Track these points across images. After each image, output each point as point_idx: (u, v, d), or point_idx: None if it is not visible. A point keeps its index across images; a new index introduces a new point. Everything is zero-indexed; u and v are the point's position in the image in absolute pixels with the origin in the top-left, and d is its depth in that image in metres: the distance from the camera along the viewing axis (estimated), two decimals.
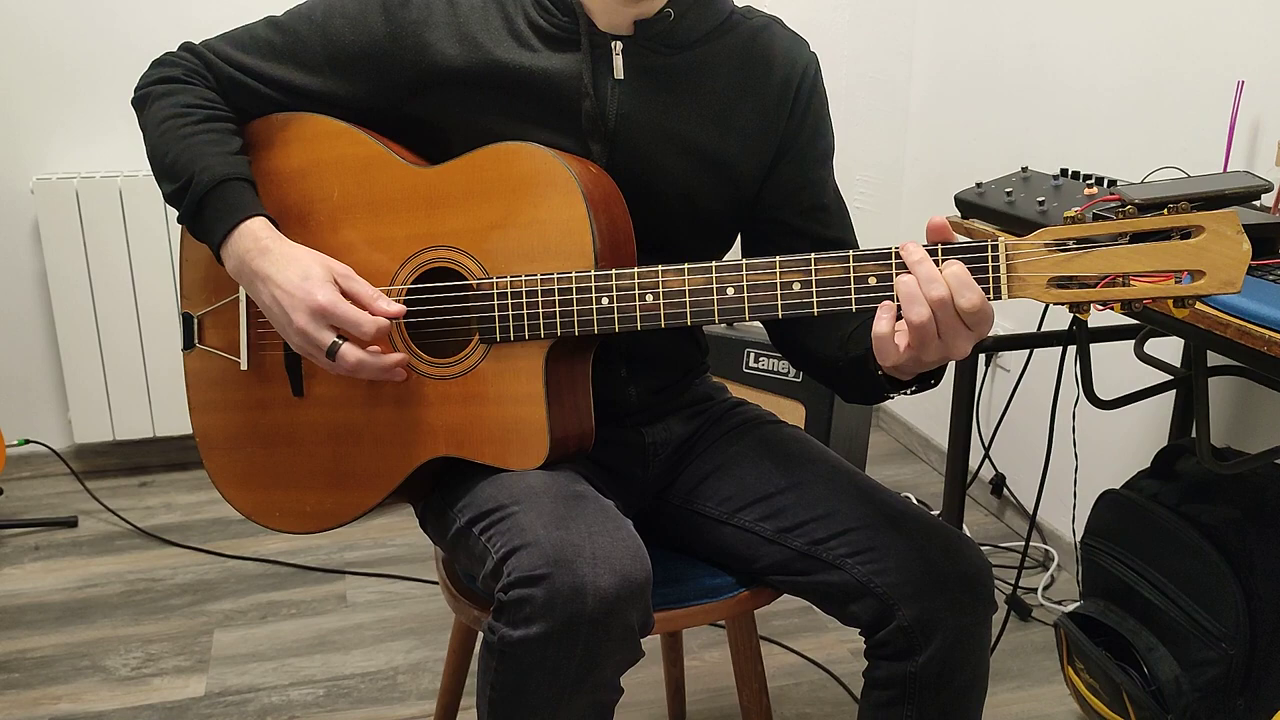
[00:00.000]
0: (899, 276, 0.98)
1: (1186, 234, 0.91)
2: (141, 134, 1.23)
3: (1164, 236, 0.92)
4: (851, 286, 1.02)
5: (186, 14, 2.54)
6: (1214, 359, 1.63)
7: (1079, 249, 0.94)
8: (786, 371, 2.47)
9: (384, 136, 1.22)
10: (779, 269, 1.04)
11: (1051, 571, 2.30)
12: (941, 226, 0.99)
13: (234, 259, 1.16)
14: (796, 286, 1.04)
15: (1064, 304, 0.95)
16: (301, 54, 1.21)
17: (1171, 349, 1.91)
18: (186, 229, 1.22)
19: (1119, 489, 1.75)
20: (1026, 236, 0.96)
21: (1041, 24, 2.32)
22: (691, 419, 1.37)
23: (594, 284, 1.09)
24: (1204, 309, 1.27)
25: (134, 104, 1.26)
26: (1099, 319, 1.91)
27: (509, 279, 1.12)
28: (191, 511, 2.58)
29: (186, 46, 1.26)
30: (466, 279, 1.15)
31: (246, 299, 1.26)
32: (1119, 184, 1.55)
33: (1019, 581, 2.14)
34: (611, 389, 1.28)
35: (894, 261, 1.00)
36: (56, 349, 2.65)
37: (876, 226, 2.95)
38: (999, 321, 2.45)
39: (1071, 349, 1.79)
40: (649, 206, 1.21)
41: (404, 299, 1.18)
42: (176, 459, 2.81)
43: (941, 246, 0.98)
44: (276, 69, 1.22)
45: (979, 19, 2.57)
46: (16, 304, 2.63)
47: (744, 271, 1.05)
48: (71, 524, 2.51)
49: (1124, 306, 0.95)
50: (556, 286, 1.10)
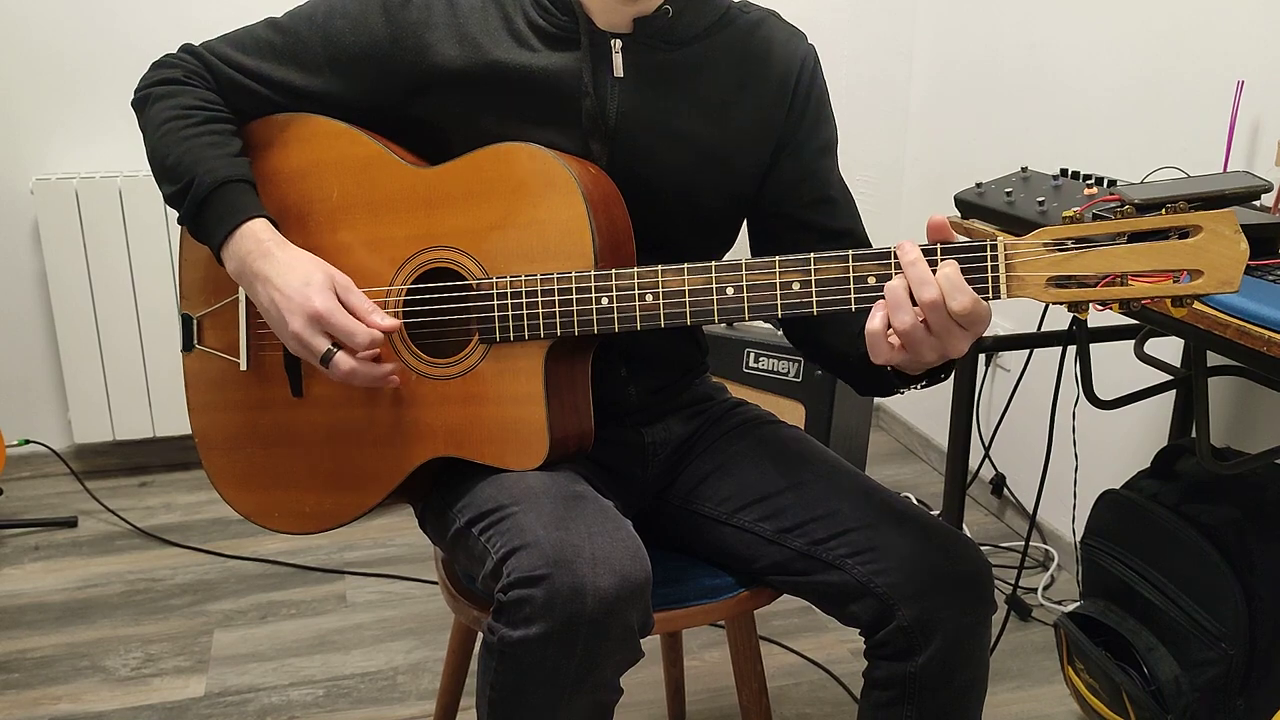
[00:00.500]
0: (890, 280, 0.98)
1: (1184, 233, 0.91)
2: (141, 135, 1.23)
3: (1162, 236, 0.92)
4: (851, 286, 1.02)
5: (186, 14, 2.54)
6: (1214, 359, 1.63)
7: (1077, 249, 0.94)
8: (786, 371, 2.47)
9: (384, 137, 1.22)
10: (778, 269, 1.04)
11: (1051, 571, 2.30)
12: (941, 225, 0.98)
13: (235, 260, 1.16)
14: (796, 286, 1.04)
15: (1063, 304, 0.95)
16: (302, 55, 1.21)
17: (1171, 349, 1.91)
18: (187, 230, 1.22)
19: (1119, 489, 1.75)
20: (1025, 236, 0.96)
21: (1041, 24, 2.32)
22: (691, 419, 1.37)
23: (594, 284, 1.09)
24: (1204, 309, 1.27)
25: (134, 105, 1.25)
26: (1099, 319, 1.91)
27: (508, 279, 1.12)
28: (191, 511, 2.58)
29: (186, 48, 1.26)
30: (466, 279, 1.15)
31: (246, 299, 1.26)
32: (1119, 184, 1.55)
33: (1019, 581, 2.14)
34: (611, 389, 1.28)
35: (893, 261, 1.00)
36: (56, 349, 2.65)
37: (876, 226, 2.92)
38: (998, 321, 2.45)
39: (1071, 349, 1.79)
40: (649, 205, 1.21)
41: (403, 299, 1.18)
42: (176, 459, 2.81)
43: (940, 246, 0.98)
44: (277, 70, 1.22)
45: (979, 19, 2.57)
46: (16, 304, 2.63)
47: (743, 271, 1.05)
48: (71, 524, 2.51)
49: (1122, 306, 0.95)
50: (556, 286, 1.10)
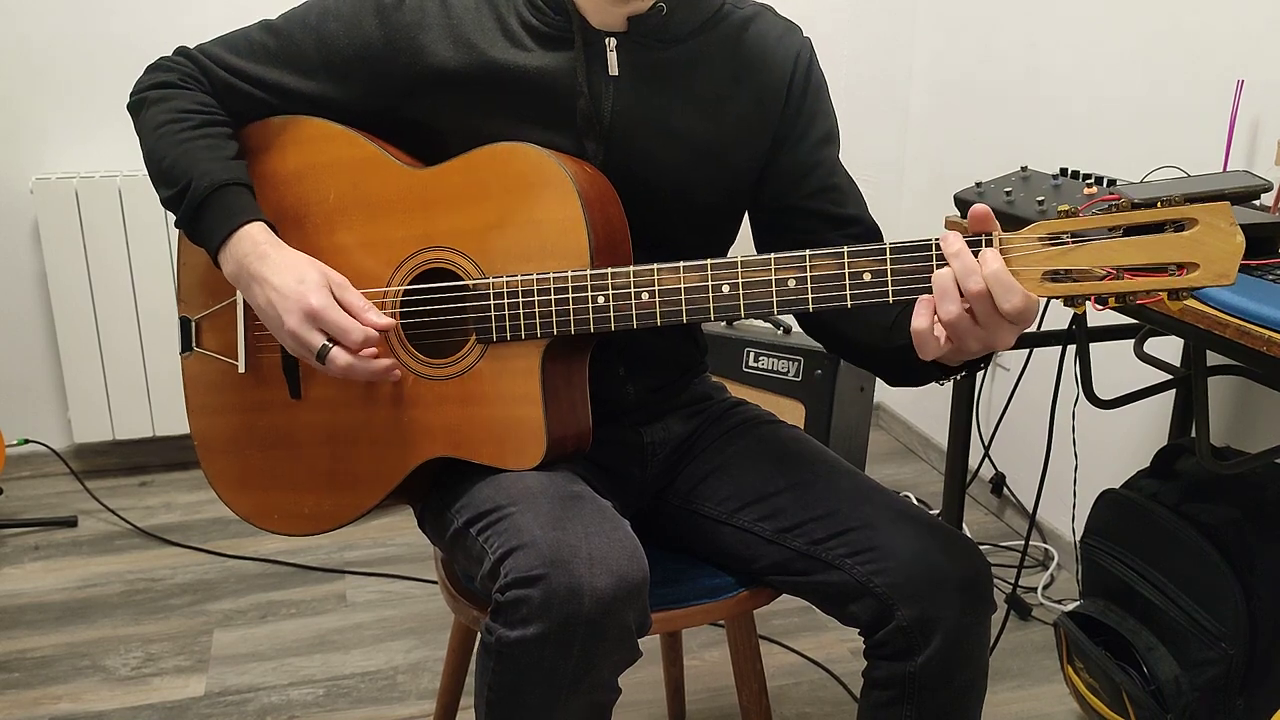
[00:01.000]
0: (937, 270, 0.96)
1: (1180, 227, 0.91)
2: (138, 138, 1.23)
3: (1157, 229, 0.92)
4: (846, 283, 1.01)
5: (183, 14, 2.53)
6: (1213, 358, 1.63)
7: (1072, 243, 0.94)
8: (786, 371, 2.47)
9: (380, 138, 1.22)
10: (774, 266, 1.03)
11: (1051, 571, 2.30)
12: (985, 216, 0.96)
13: (232, 263, 1.16)
14: (791, 284, 1.03)
15: (1058, 297, 0.95)
16: (296, 58, 1.21)
17: (1171, 348, 1.91)
18: (184, 233, 1.22)
19: (1119, 488, 1.74)
20: (1020, 230, 0.95)
21: (1041, 24, 2.32)
22: (690, 418, 1.37)
23: (590, 283, 1.09)
24: (1203, 309, 1.27)
25: (129, 109, 1.25)
26: (1098, 318, 1.91)
27: (505, 279, 1.12)
28: (191, 511, 2.58)
29: (181, 51, 1.26)
30: (463, 279, 1.15)
31: (244, 302, 1.26)
32: (1118, 183, 1.55)
33: (1019, 581, 2.14)
34: (609, 388, 1.28)
35: (888, 258, 1.00)
36: (56, 348, 2.65)
37: None
38: None
39: (1071, 348, 1.79)
40: (646, 203, 1.20)
41: (400, 299, 1.18)
42: (176, 459, 2.81)
43: (935, 240, 0.98)
44: (271, 73, 1.22)
45: (979, 19, 2.56)
46: (16, 304, 2.63)
47: (739, 269, 1.05)
48: (71, 524, 2.51)
49: (1118, 300, 0.95)
50: (553, 286, 1.10)
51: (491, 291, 1.13)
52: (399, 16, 1.18)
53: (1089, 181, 1.60)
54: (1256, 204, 1.53)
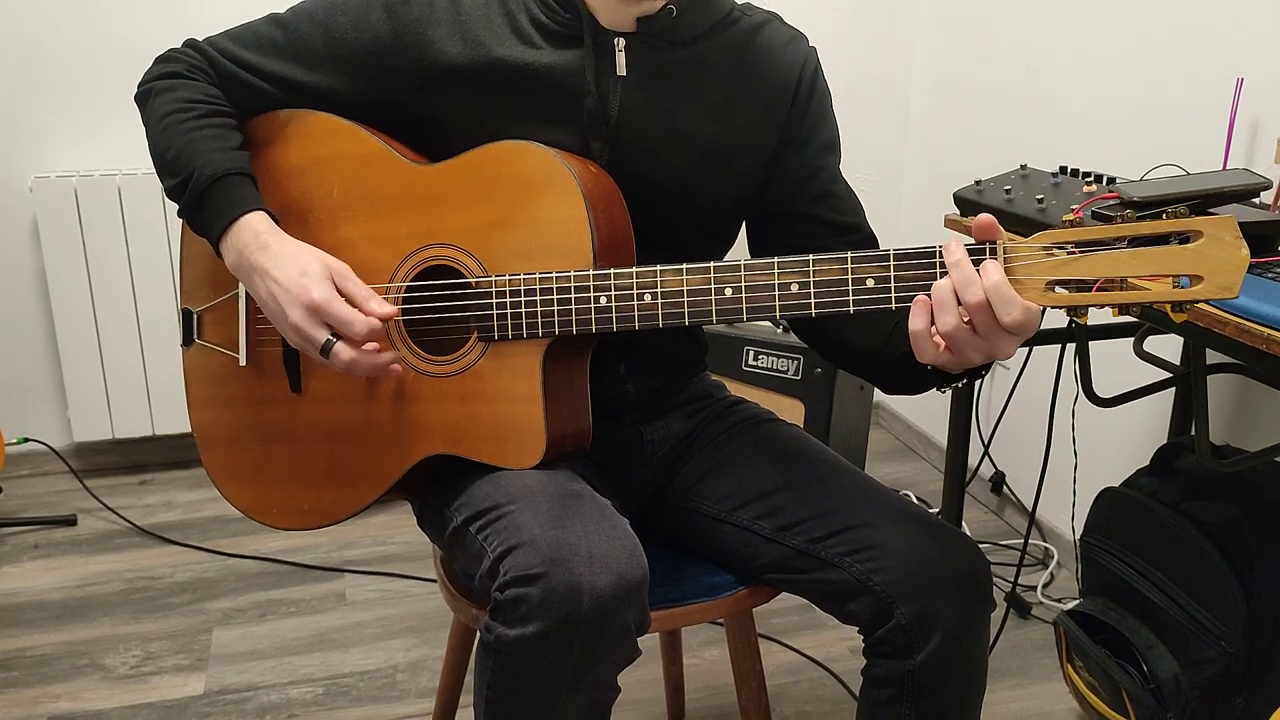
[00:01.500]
0: (938, 280, 0.96)
1: (1185, 238, 0.91)
2: (144, 129, 1.23)
3: (1162, 241, 0.91)
4: (850, 288, 1.01)
5: (182, 12, 2.54)
6: (1213, 357, 1.63)
7: (1077, 253, 0.93)
8: (786, 369, 2.47)
9: (385, 134, 1.22)
10: (776, 269, 1.03)
11: (1051, 569, 2.30)
12: (990, 225, 0.96)
13: (233, 253, 1.16)
14: (794, 288, 1.03)
15: (1061, 307, 0.95)
16: (303, 51, 1.21)
17: (1171, 347, 1.91)
18: (187, 223, 1.22)
19: (1118, 487, 1.75)
20: (1024, 240, 0.95)
21: (1041, 23, 2.32)
22: (690, 417, 1.37)
23: (592, 283, 1.09)
24: (1203, 307, 1.27)
25: (136, 99, 1.26)
26: (1098, 316, 1.91)
27: (507, 278, 1.12)
28: (191, 510, 2.58)
29: (190, 43, 1.26)
30: (465, 277, 1.15)
31: (246, 294, 1.26)
32: (1118, 182, 1.55)
33: (1018, 579, 2.14)
34: (610, 387, 1.27)
35: (891, 264, 1.00)
36: (55, 347, 2.65)
37: (876, 226, 2.91)
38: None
39: (1071, 347, 1.79)
40: (651, 204, 1.21)
41: (403, 296, 1.18)
42: (176, 457, 2.81)
43: (940, 248, 0.98)
44: (278, 65, 1.22)
45: (979, 18, 2.56)
46: (15, 302, 2.63)
47: (742, 272, 1.05)
48: (71, 522, 2.51)
49: (1121, 310, 0.94)
50: (555, 285, 1.10)
51: (494, 290, 1.13)
52: (407, 11, 1.18)
53: (1088, 180, 1.60)
54: (1256, 202, 1.53)
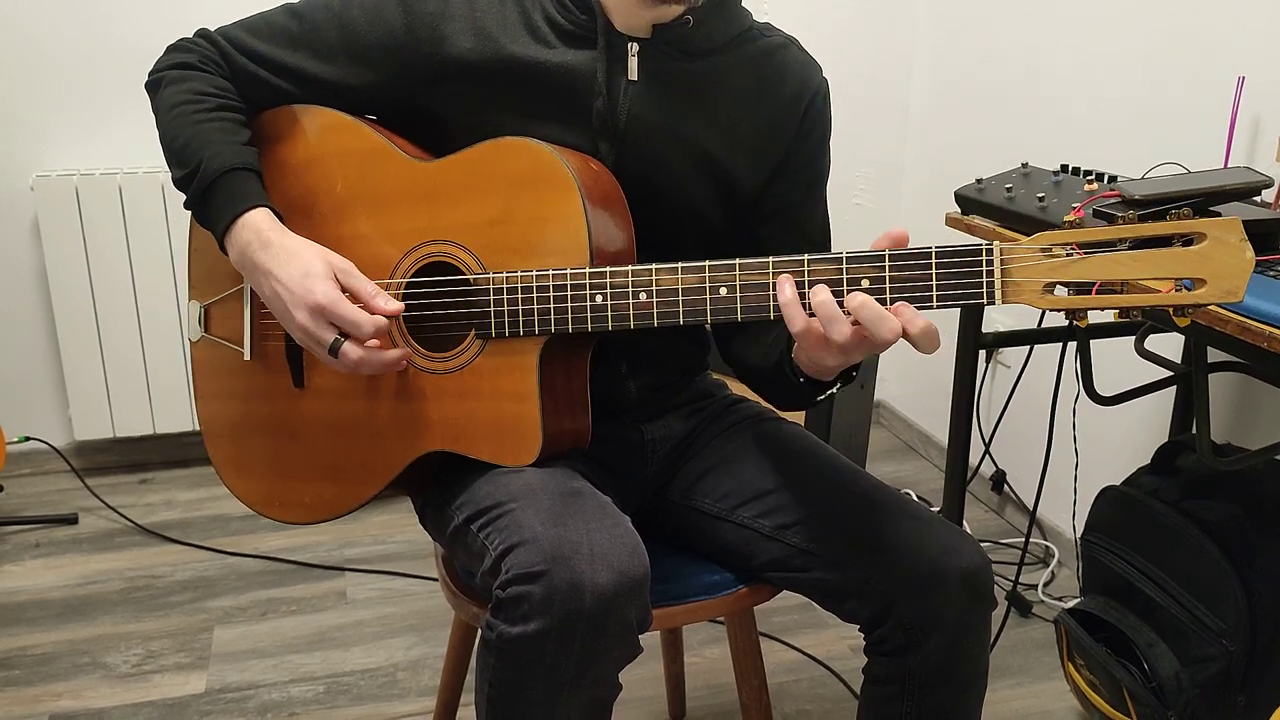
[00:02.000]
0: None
1: (1188, 241, 0.88)
2: (154, 116, 1.23)
3: (1165, 243, 0.89)
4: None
5: (182, 12, 2.53)
6: (1214, 355, 1.63)
7: (1076, 254, 0.92)
8: None
9: (389, 129, 1.22)
10: (771, 269, 1.03)
11: (1052, 568, 2.30)
12: (900, 237, 1.01)
13: (236, 250, 1.16)
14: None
15: (1060, 310, 0.93)
16: (317, 42, 1.21)
17: (1172, 345, 1.91)
18: (193, 215, 1.22)
19: (1119, 485, 1.75)
20: (1022, 241, 0.94)
21: (1041, 22, 2.32)
22: (691, 416, 1.37)
23: (588, 281, 1.09)
24: None
25: (147, 87, 1.26)
26: (1099, 315, 1.91)
27: (504, 275, 1.12)
28: (192, 508, 2.58)
29: (202, 33, 1.26)
30: (464, 274, 1.15)
31: (250, 289, 1.26)
32: (1119, 180, 1.55)
33: (1019, 578, 2.14)
34: (611, 386, 1.27)
35: (886, 265, 0.99)
36: (56, 346, 2.65)
37: (877, 226, 2.94)
38: (999, 318, 2.44)
39: (1072, 345, 1.79)
40: (655, 207, 1.21)
41: (402, 292, 1.18)
42: (176, 456, 2.81)
43: (935, 249, 0.97)
44: (291, 56, 1.22)
45: (979, 18, 2.56)
46: (16, 301, 2.63)
47: (737, 271, 1.04)
48: (72, 521, 2.51)
49: (1122, 313, 0.93)
50: (551, 283, 1.10)
51: (491, 287, 1.13)
52: (422, 5, 1.18)
53: (1089, 178, 1.60)
54: (1257, 200, 1.53)
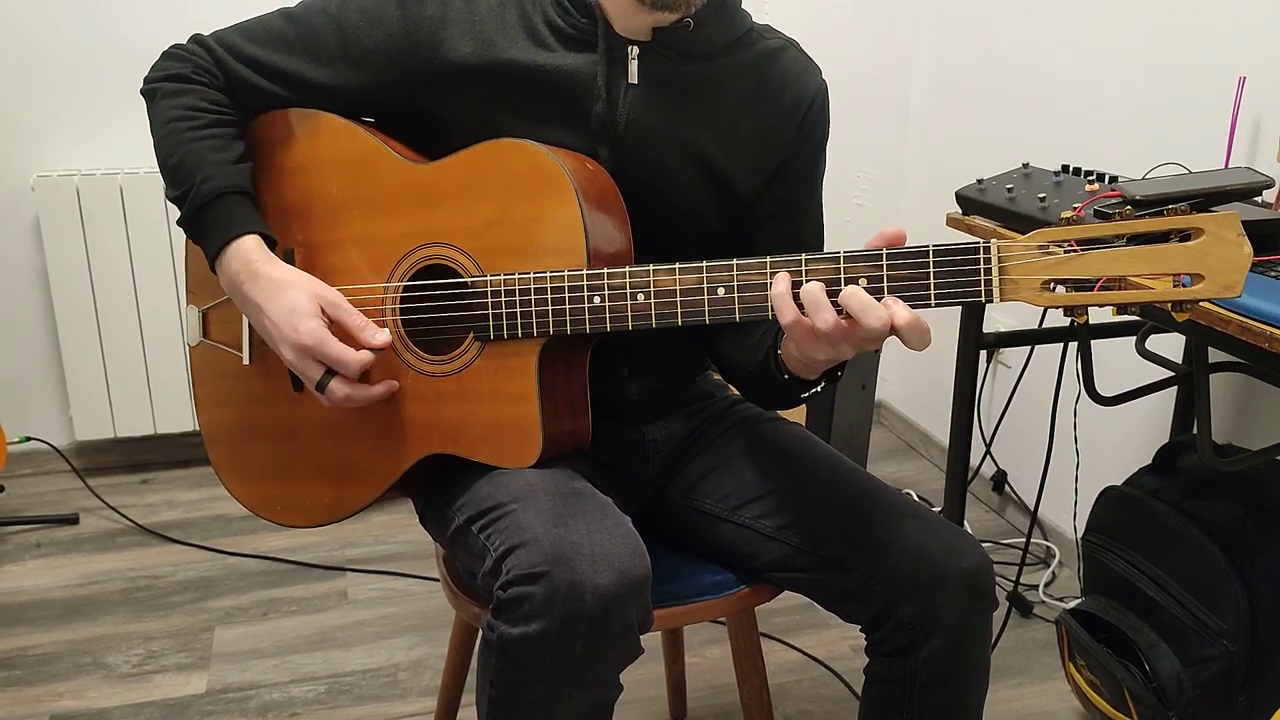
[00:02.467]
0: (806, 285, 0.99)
1: (1186, 236, 0.88)
2: (149, 126, 1.23)
3: (1162, 239, 0.89)
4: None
5: (182, 12, 2.53)
6: (1215, 355, 1.63)
7: (1074, 251, 0.91)
8: None
9: (385, 132, 1.22)
10: (769, 269, 1.03)
11: (1053, 568, 2.30)
12: (895, 236, 1.01)
13: (226, 279, 1.17)
14: None
15: (1057, 307, 0.93)
16: (314, 46, 1.21)
17: (1173, 345, 1.91)
18: (185, 234, 1.22)
19: (1120, 485, 1.74)
20: (1020, 238, 0.94)
21: (1042, 21, 2.32)
22: (692, 416, 1.37)
23: (585, 283, 1.09)
24: (1206, 305, 1.26)
25: (143, 94, 1.25)
26: (1099, 315, 1.91)
27: (502, 278, 1.12)
28: (193, 508, 2.58)
29: (197, 39, 1.25)
30: (461, 276, 1.15)
31: None
32: (1120, 180, 1.55)
33: (1020, 578, 2.13)
34: (612, 387, 1.27)
35: (884, 264, 0.99)
36: (57, 346, 2.65)
37: (878, 226, 2.91)
38: (1000, 318, 2.44)
39: (1073, 345, 1.79)
40: (653, 211, 1.21)
41: (400, 295, 1.18)
42: (177, 456, 2.81)
43: (933, 247, 0.97)
44: (287, 61, 1.21)
45: (979, 18, 2.56)
46: (17, 301, 2.63)
47: (735, 272, 1.04)
48: (73, 521, 2.51)
49: (1120, 310, 0.92)
50: (549, 285, 1.10)
51: (489, 290, 1.13)
52: (420, 9, 1.17)
53: (1090, 178, 1.60)
54: (1258, 201, 1.53)
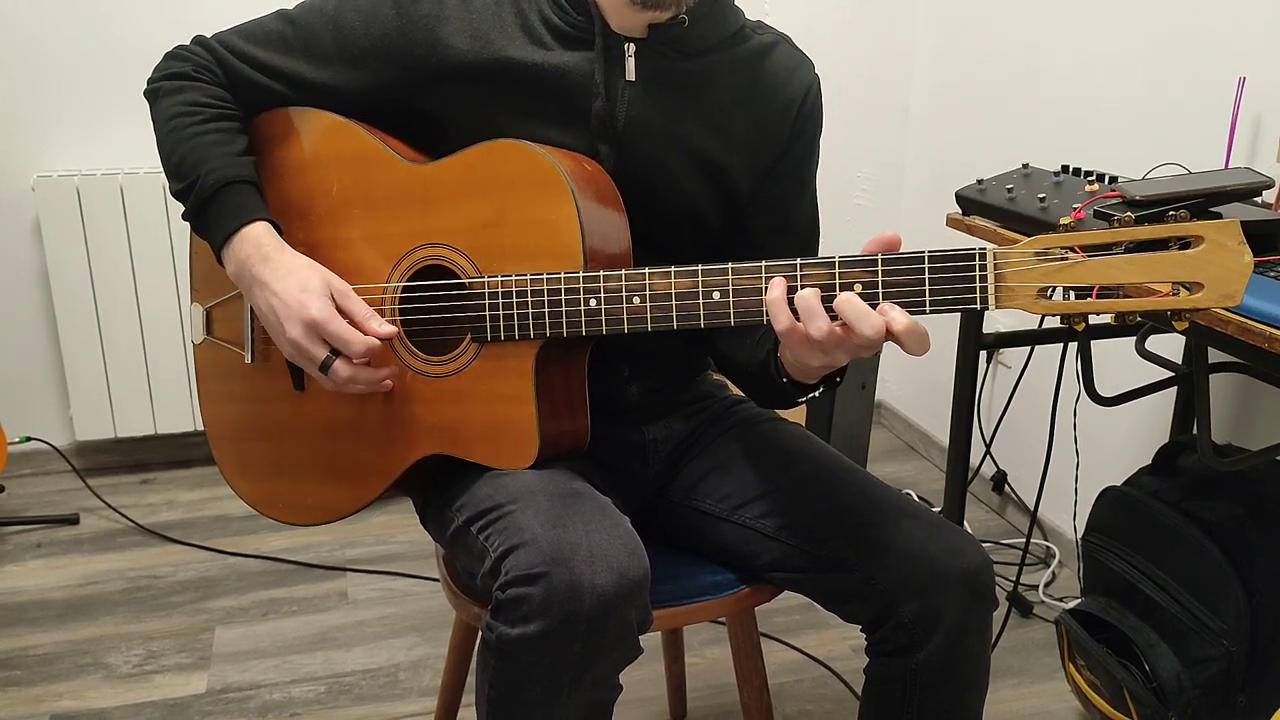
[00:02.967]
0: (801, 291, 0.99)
1: (1185, 244, 0.87)
2: (152, 126, 1.24)
3: (1161, 246, 0.88)
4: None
5: (182, 12, 2.53)
6: (1215, 355, 1.63)
7: (1072, 258, 0.90)
8: None
9: (385, 132, 1.22)
10: (764, 274, 1.03)
11: (1053, 568, 2.30)
12: (891, 240, 1.01)
13: (234, 263, 1.16)
14: None
15: (1054, 315, 0.92)
16: (312, 46, 1.21)
17: (1173, 345, 1.91)
18: (191, 228, 1.22)
19: (1120, 486, 1.74)
20: (1016, 245, 0.93)
21: (1042, 22, 2.32)
22: (692, 417, 1.37)
23: (581, 285, 1.09)
24: None
25: (145, 95, 1.26)
26: (1098, 316, 1.91)
27: (499, 278, 1.12)
28: (193, 509, 2.58)
29: (198, 40, 1.26)
30: (459, 277, 1.15)
31: None
32: (1120, 180, 1.55)
33: (1020, 578, 2.14)
34: (612, 387, 1.28)
35: (879, 269, 0.99)
36: (58, 346, 2.65)
37: (877, 226, 2.94)
38: (1000, 318, 2.44)
39: (1073, 346, 1.79)
40: (653, 209, 1.21)
41: (398, 295, 1.18)
42: (178, 456, 2.81)
43: (928, 253, 0.97)
44: (286, 62, 1.22)
45: (979, 18, 2.56)
46: (18, 301, 2.63)
47: (730, 276, 1.04)
48: (73, 521, 2.51)
49: (1118, 318, 0.92)
50: (546, 287, 1.10)
51: (486, 291, 1.13)
52: (417, 8, 1.18)
53: (1090, 179, 1.60)
54: (1258, 201, 1.53)
